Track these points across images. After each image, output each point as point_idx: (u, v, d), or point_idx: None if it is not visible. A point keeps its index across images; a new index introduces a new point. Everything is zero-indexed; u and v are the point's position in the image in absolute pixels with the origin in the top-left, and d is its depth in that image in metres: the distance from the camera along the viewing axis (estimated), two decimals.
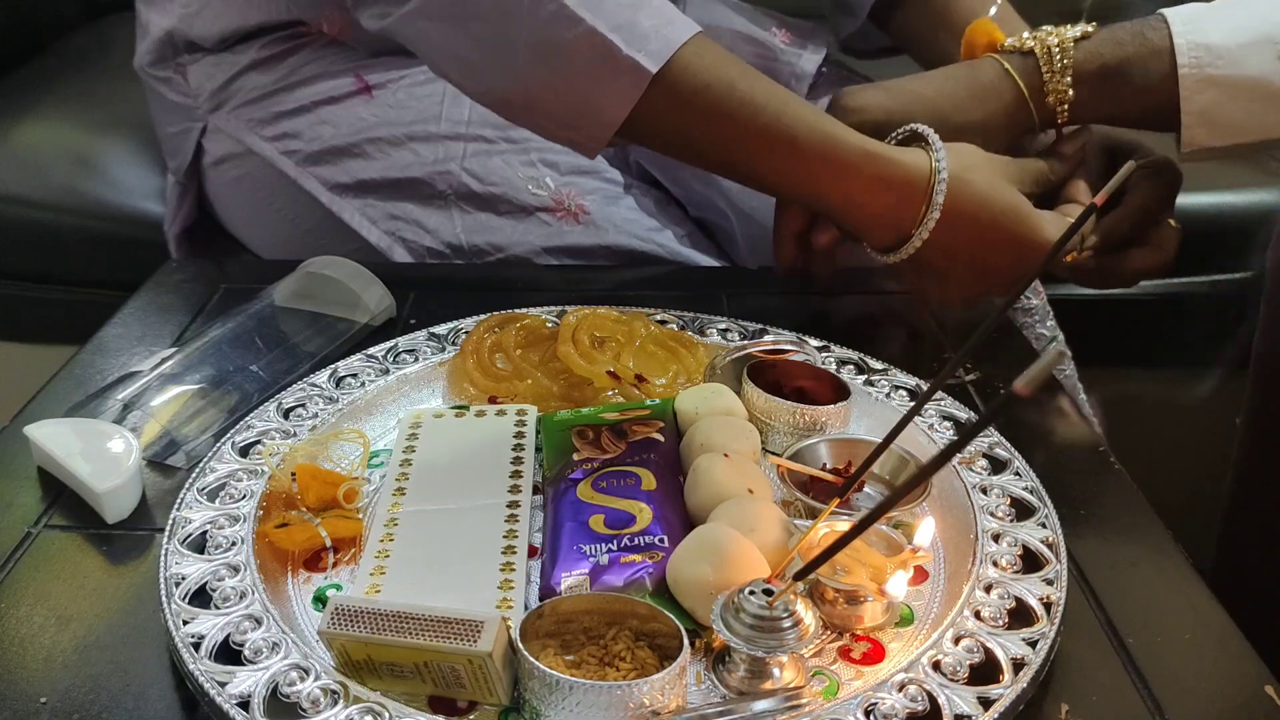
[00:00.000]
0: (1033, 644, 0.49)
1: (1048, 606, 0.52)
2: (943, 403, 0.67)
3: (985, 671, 0.48)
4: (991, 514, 0.58)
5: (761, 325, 0.75)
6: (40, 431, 0.62)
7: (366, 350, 0.71)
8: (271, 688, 0.46)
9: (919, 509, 0.58)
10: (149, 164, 1.24)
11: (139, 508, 0.60)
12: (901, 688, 0.47)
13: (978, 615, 0.51)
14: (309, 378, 0.69)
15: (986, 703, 0.46)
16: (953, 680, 0.47)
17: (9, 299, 1.26)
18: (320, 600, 0.54)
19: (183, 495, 0.58)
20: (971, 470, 0.61)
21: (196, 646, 0.48)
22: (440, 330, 0.74)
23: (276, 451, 0.61)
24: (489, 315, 0.74)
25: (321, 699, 0.46)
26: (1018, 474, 0.61)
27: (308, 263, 0.80)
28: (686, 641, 0.46)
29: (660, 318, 0.76)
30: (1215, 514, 0.94)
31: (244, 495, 0.58)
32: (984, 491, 0.59)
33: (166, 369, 0.69)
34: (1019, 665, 0.48)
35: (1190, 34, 0.72)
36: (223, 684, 0.46)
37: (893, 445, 0.57)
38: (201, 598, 0.51)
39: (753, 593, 0.48)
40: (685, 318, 0.76)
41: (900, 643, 0.52)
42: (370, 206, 0.92)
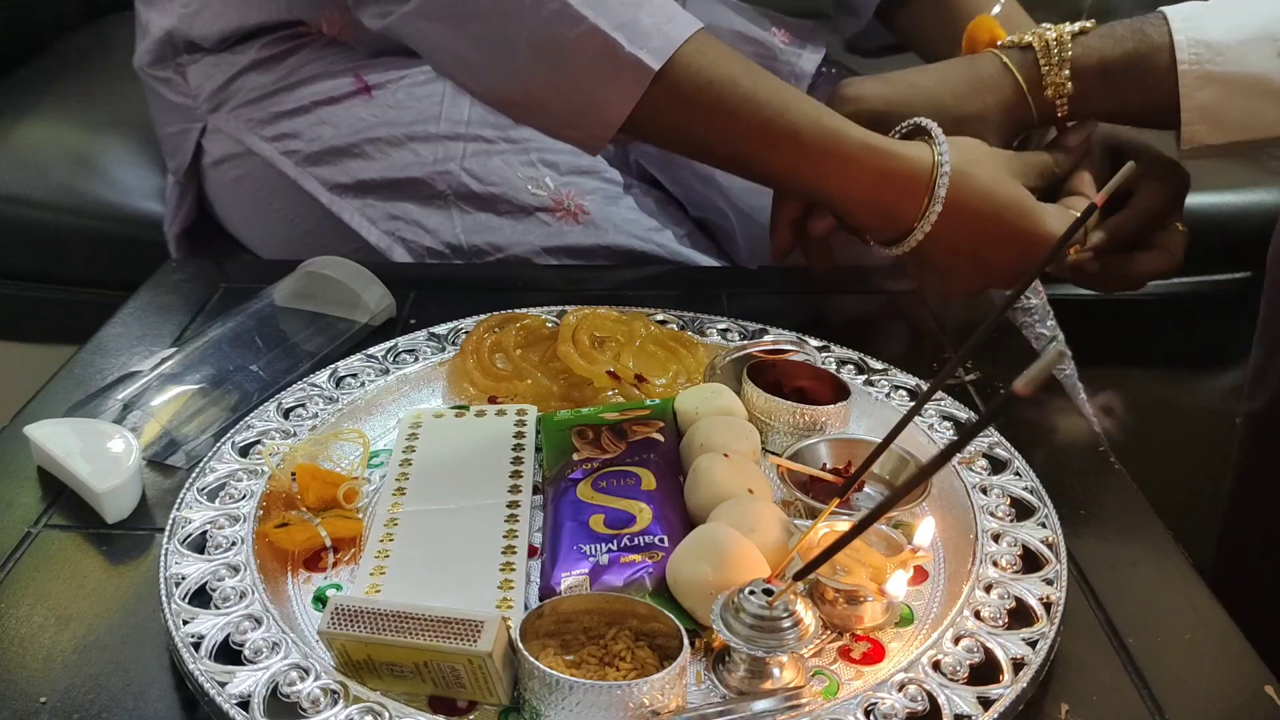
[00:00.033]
0: (1033, 644, 0.49)
1: (1048, 606, 0.52)
2: (943, 403, 0.67)
3: (985, 671, 0.48)
4: (991, 514, 0.58)
5: (761, 325, 0.75)
6: (40, 431, 0.62)
7: (366, 350, 0.71)
8: (271, 688, 0.46)
9: (919, 509, 0.58)
10: (149, 164, 1.24)
11: (139, 508, 0.60)
12: (901, 688, 0.47)
13: (978, 615, 0.51)
14: (309, 378, 0.69)
15: (986, 703, 0.46)
16: (953, 680, 0.47)
17: (9, 299, 1.26)
18: (320, 600, 0.54)
19: (183, 495, 0.58)
20: (971, 470, 0.61)
21: (196, 646, 0.48)
22: (440, 330, 0.74)
23: (276, 451, 0.61)
24: (489, 315, 0.74)
25: (321, 699, 0.46)
26: (1018, 474, 0.61)
27: (308, 263, 0.80)
28: (686, 641, 0.46)
29: (660, 318, 0.76)
30: (1215, 514, 0.94)
31: (244, 495, 0.58)
32: (984, 491, 0.59)
33: (166, 369, 0.69)
34: (1019, 665, 0.48)
35: (1190, 30, 0.72)
36: (223, 684, 0.46)
37: (893, 445, 0.57)
38: (201, 598, 0.51)
39: (753, 593, 0.48)
40: (685, 318, 0.76)
41: (900, 643, 0.52)
42: (370, 206, 0.92)
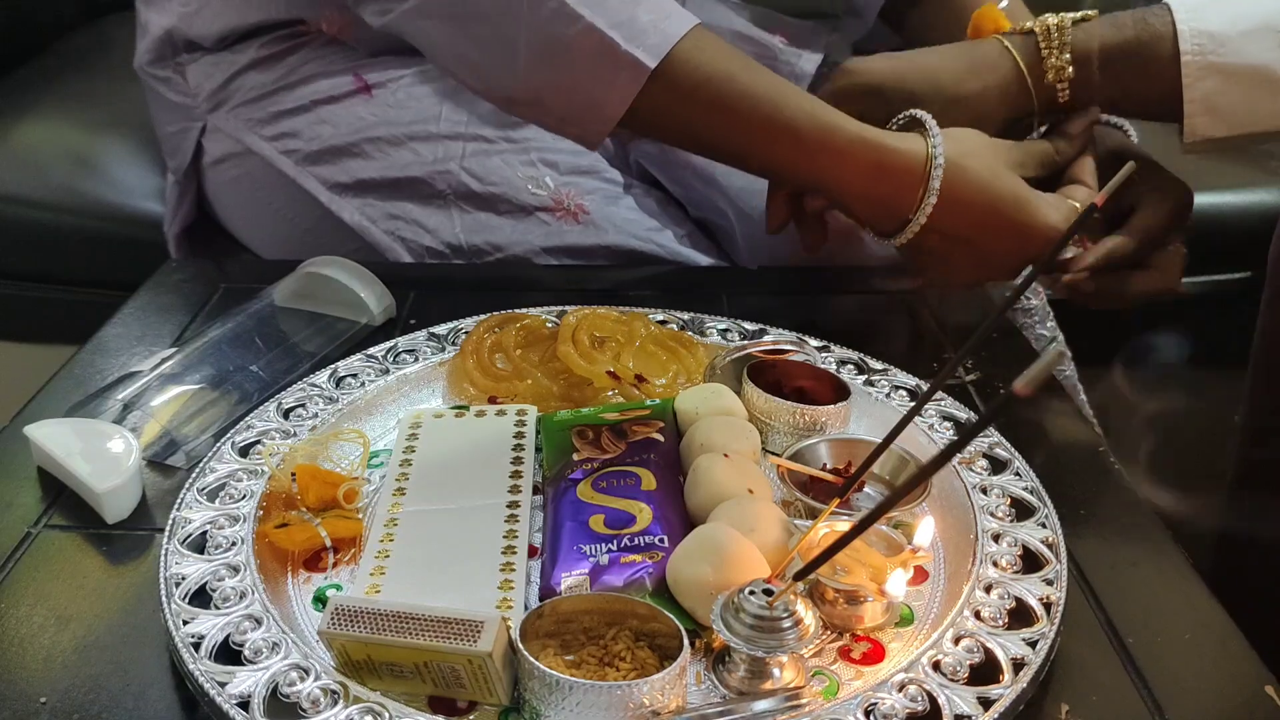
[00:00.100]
0: (1033, 644, 0.49)
1: (1048, 606, 0.52)
2: (943, 403, 0.67)
3: (985, 671, 0.48)
4: (991, 514, 0.58)
5: (761, 325, 0.75)
6: (40, 431, 0.62)
7: (366, 350, 0.71)
8: (271, 688, 0.46)
9: (919, 509, 0.58)
10: (149, 164, 1.24)
11: (139, 508, 0.60)
12: (901, 688, 0.47)
13: (978, 615, 0.51)
14: (309, 378, 0.69)
15: (986, 703, 0.46)
16: (953, 680, 0.47)
17: (9, 299, 1.26)
18: (320, 600, 0.54)
19: (183, 495, 0.58)
20: (971, 470, 0.61)
21: (196, 646, 0.48)
22: (440, 330, 0.74)
23: (276, 451, 0.61)
24: (489, 315, 0.74)
25: (321, 699, 0.46)
26: (1018, 474, 0.61)
27: (308, 263, 0.80)
28: (686, 641, 0.46)
29: (660, 318, 0.76)
30: (1215, 514, 0.94)
31: (244, 495, 0.58)
32: (984, 491, 0.59)
33: (166, 369, 0.69)
34: (1019, 665, 0.48)
35: (1193, 21, 0.73)
36: (223, 684, 0.46)
37: (893, 445, 0.57)
38: (201, 598, 0.51)
39: (753, 593, 0.48)
40: (685, 318, 0.76)
41: (900, 643, 0.52)
42: (369, 206, 0.92)
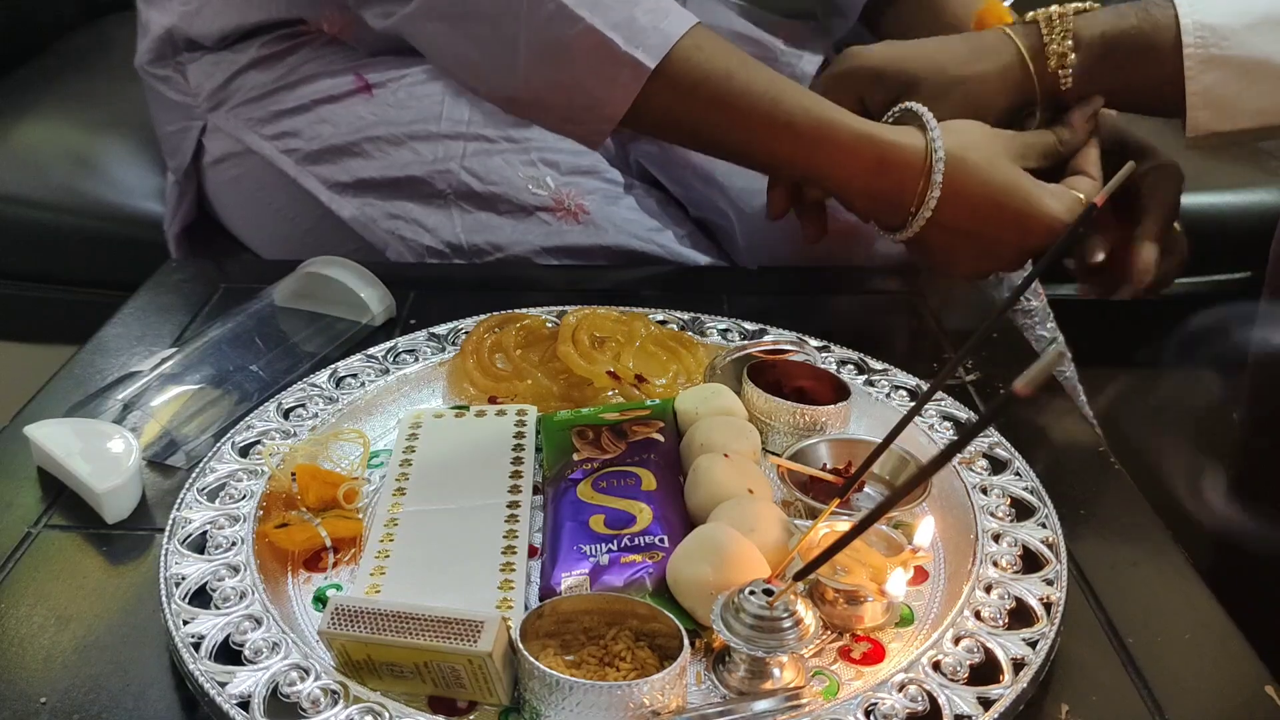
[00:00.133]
0: (1033, 644, 0.49)
1: (1048, 606, 0.52)
2: (943, 403, 0.67)
3: (985, 671, 0.48)
4: (991, 514, 0.58)
5: (761, 325, 0.75)
6: (40, 431, 0.62)
7: (366, 350, 0.71)
8: (271, 688, 0.46)
9: (919, 509, 0.58)
10: (149, 164, 1.24)
11: (139, 508, 0.60)
12: (901, 688, 0.47)
13: (978, 615, 0.51)
14: (309, 378, 0.69)
15: (986, 703, 0.46)
16: (953, 680, 0.47)
17: (9, 299, 1.26)
18: (320, 600, 0.54)
19: (183, 495, 0.58)
20: (971, 470, 0.61)
21: (196, 646, 0.48)
22: (440, 330, 0.74)
23: (276, 451, 0.61)
24: (489, 315, 0.74)
25: (321, 699, 0.46)
26: (1018, 474, 0.61)
27: (308, 262, 0.80)
28: (686, 641, 0.46)
29: (660, 318, 0.76)
30: (1214, 513, 0.94)
31: (244, 495, 0.58)
32: (984, 491, 0.59)
33: (166, 369, 0.69)
34: (1019, 665, 0.48)
35: (1195, 14, 0.73)
36: (223, 684, 0.46)
37: (893, 445, 0.57)
38: (201, 598, 0.51)
39: (753, 593, 0.48)
40: (685, 318, 0.76)
41: (900, 643, 0.52)
42: (370, 206, 0.92)
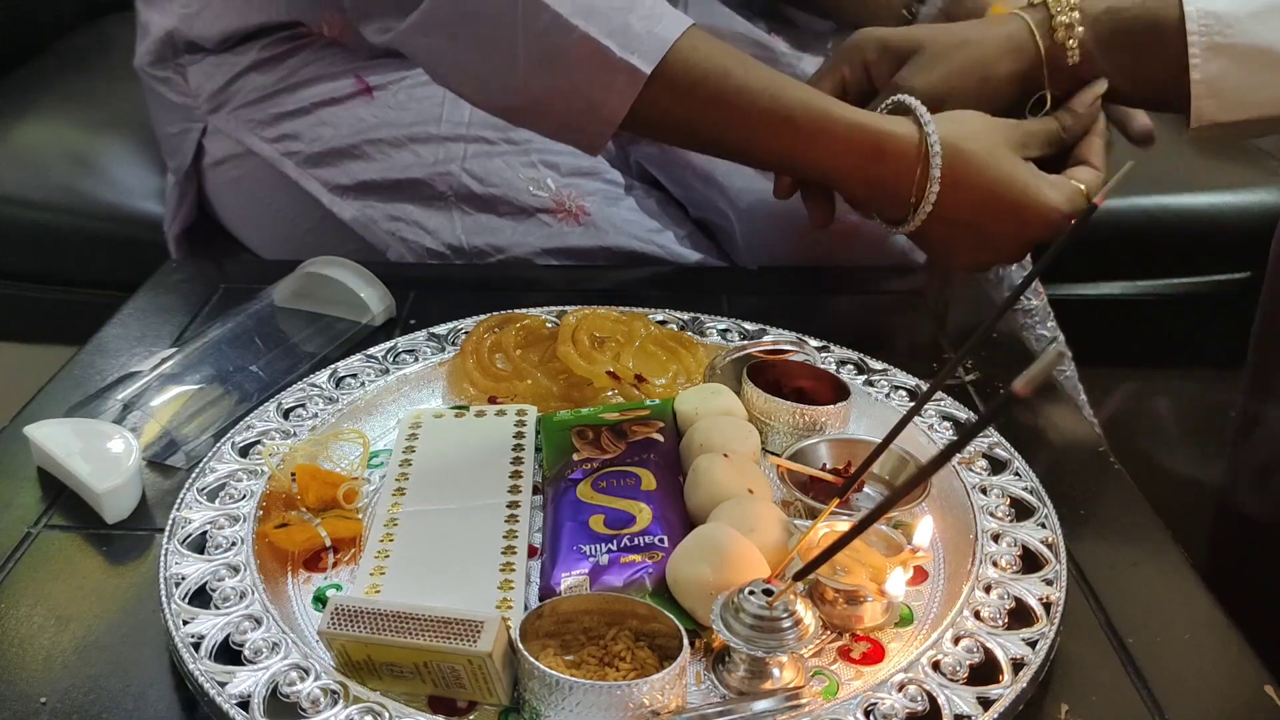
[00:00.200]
0: (1032, 644, 0.49)
1: (1047, 606, 0.52)
2: (943, 403, 0.67)
3: (985, 671, 0.48)
4: (991, 514, 0.58)
5: (761, 325, 0.75)
6: (40, 431, 0.62)
7: (366, 350, 0.71)
8: (271, 688, 0.46)
9: (918, 509, 0.58)
10: (149, 164, 1.24)
11: (139, 508, 0.60)
12: (901, 688, 0.47)
13: (977, 615, 0.51)
14: (309, 378, 0.69)
15: (986, 703, 0.46)
16: (952, 680, 0.47)
17: (9, 299, 1.26)
18: (320, 600, 0.54)
19: (183, 495, 0.58)
20: (971, 470, 0.61)
21: (196, 646, 0.48)
22: (440, 330, 0.74)
23: (276, 451, 0.61)
24: (489, 315, 0.74)
25: (321, 699, 0.46)
26: (1018, 474, 0.61)
27: (308, 263, 0.80)
28: (686, 641, 0.46)
29: (660, 318, 0.76)
30: (1213, 512, 0.94)
31: (244, 495, 0.58)
32: (984, 491, 0.59)
33: (166, 369, 0.69)
34: (1019, 665, 0.48)
35: (1199, 1, 0.73)
36: (223, 684, 0.46)
37: (893, 445, 0.57)
38: (201, 598, 0.51)
39: (753, 593, 0.48)
40: (685, 318, 0.76)
41: (900, 643, 0.52)
42: (370, 207, 0.92)
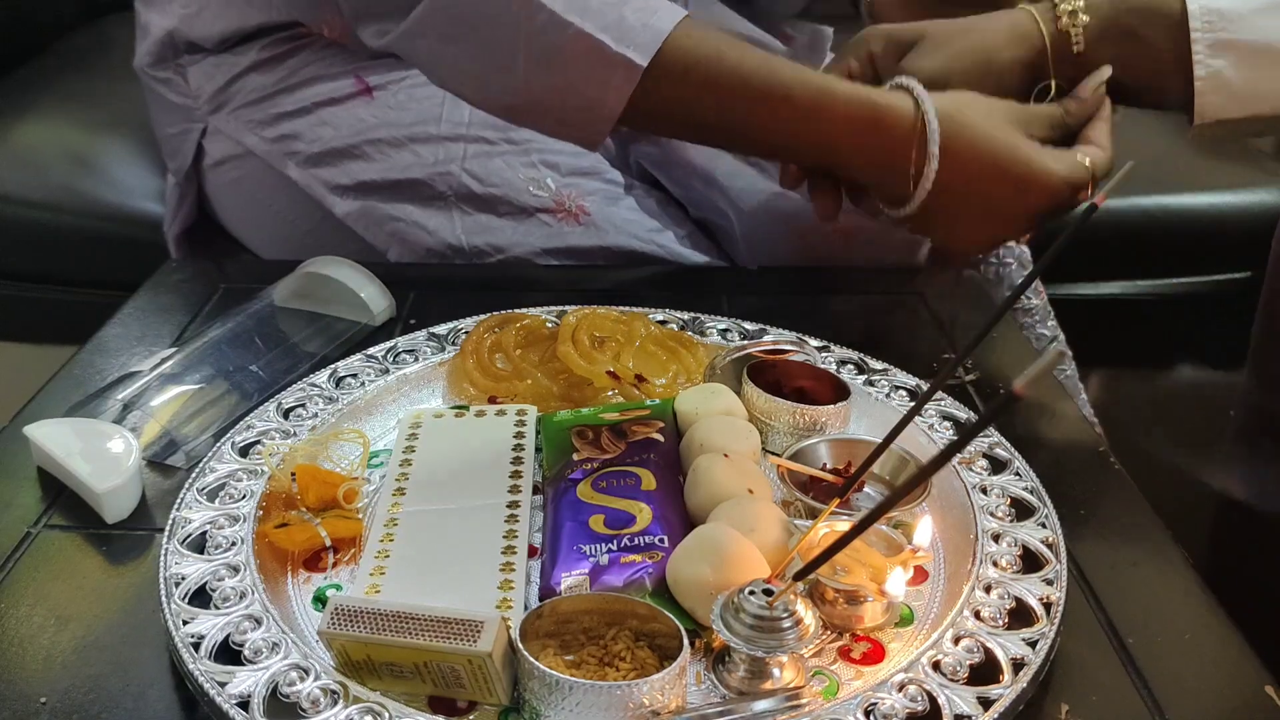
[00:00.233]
0: (1033, 644, 0.49)
1: (1048, 606, 0.52)
2: (943, 403, 0.67)
3: (985, 671, 0.48)
4: (991, 514, 0.58)
5: (761, 325, 0.75)
6: (40, 431, 0.62)
7: (366, 350, 0.71)
8: (271, 688, 0.46)
9: (918, 509, 0.58)
10: (149, 164, 1.24)
11: (139, 508, 0.60)
12: (901, 688, 0.47)
13: (978, 615, 0.51)
14: (309, 378, 0.69)
15: (986, 703, 0.46)
16: (953, 680, 0.47)
17: (9, 299, 1.26)
18: (320, 600, 0.54)
19: (183, 495, 0.58)
20: (971, 470, 0.61)
21: (196, 646, 0.48)
22: (440, 330, 0.74)
23: (276, 451, 0.61)
24: (489, 315, 0.74)
25: (321, 699, 0.46)
26: (1018, 474, 0.61)
27: (308, 263, 0.80)
28: (686, 641, 0.46)
29: (660, 318, 0.76)
30: (1213, 511, 0.94)
31: (244, 495, 0.58)
32: (984, 491, 0.59)
33: (166, 369, 0.69)
34: (1019, 665, 0.48)
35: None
36: (222, 684, 0.46)
37: (893, 445, 0.57)
38: (201, 598, 0.51)
39: (753, 593, 0.48)
40: (685, 318, 0.76)
41: (900, 643, 0.52)
42: (371, 208, 0.92)
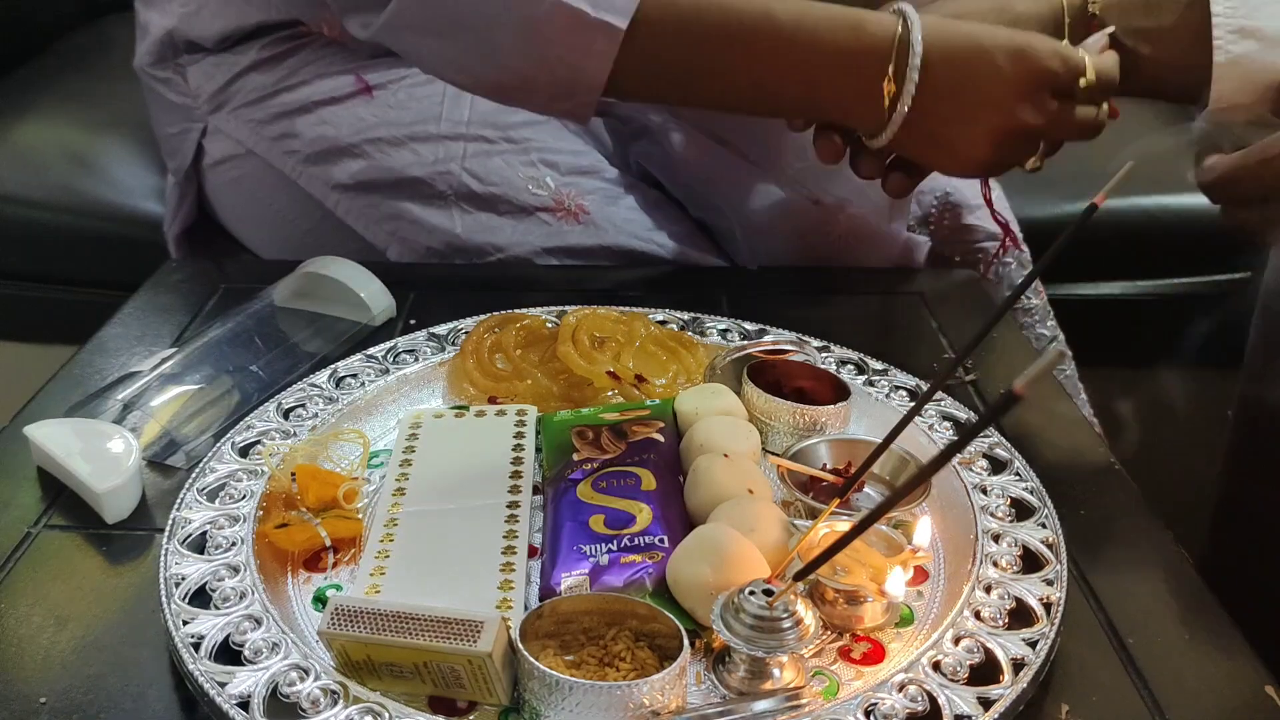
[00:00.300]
0: (1033, 644, 0.49)
1: (1048, 607, 0.52)
2: (943, 403, 0.67)
3: (985, 672, 0.48)
4: (991, 514, 0.58)
5: (761, 325, 0.75)
6: (40, 431, 0.62)
7: (366, 350, 0.71)
8: (271, 688, 0.46)
9: (918, 509, 0.58)
10: (149, 164, 1.24)
11: (139, 508, 0.60)
12: (901, 688, 0.47)
13: (978, 615, 0.51)
14: (309, 378, 0.69)
15: (986, 703, 0.46)
16: (953, 680, 0.47)
17: (9, 299, 1.26)
18: (320, 600, 0.54)
19: (183, 495, 0.58)
20: (971, 470, 0.61)
21: (196, 647, 0.48)
22: (440, 330, 0.74)
23: (276, 451, 0.61)
24: (489, 315, 0.74)
25: (321, 699, 0.46)
26: (1018, 474, 0.61)
27: (308, 263, 0.80)
28: (686, 642, 0.46)
29: (660, 318, 0.76)
30: (1212, 511, 0.94)
31: (244, 495, 0.58)
32: (984, 491, 0.59)
33: (166, 369, 0.69)
34: (1019, 665, 0.48)
35: None
36: (222, 684, 0.46)
37: (893, 445, 0.57)
38: (201, 598, 0.51)
39: (753, 593, 0.48)
40: (685, 318, 0.76)
41: (900, 643, 0.52)
42: (370, 206, 0.92)
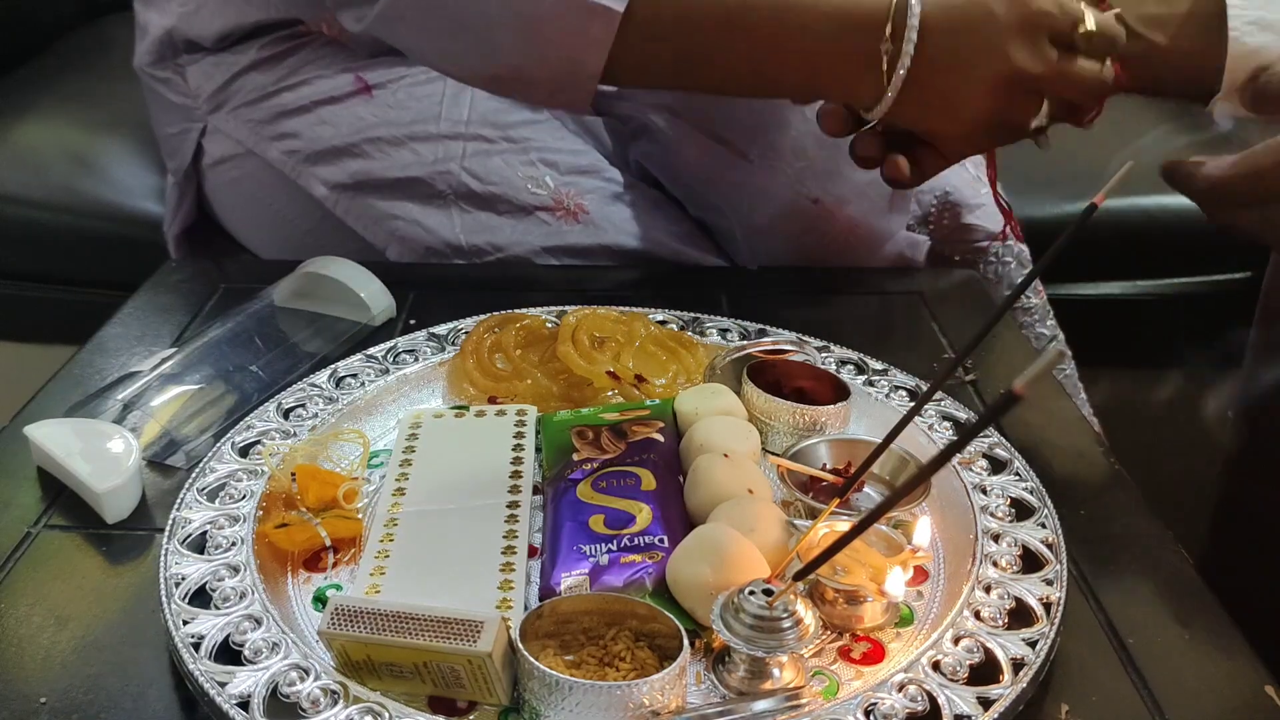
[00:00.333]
0: (1033, 644, 0.49)
1: (1047, 606, 0.52)
2: (943, 403, 0.67)
3: (985, 672, 0.48)
4: (991, 514, 0.58)
5: (761, 325, 0.75)
6: (40, 431, 0.62)
7: (366, 350, 0.71)
8: (271, 688, 0.46)
9: (918, 509, 0.58)
10: (149, 164, 1.24)
11: (139, 508, 0.60)
12: (901, 688, 0.47)
13: (977, 615, 0.51)
14: (309, 378, 0.69)
15: (986, 703, 0.46)
16: (953, 680, 0.47)
17: (9, 299, 1.26)
18: (320, 600, 0.54)
19: (183, 495, 0.58)
20: (971, 470, 0.61)
21: (196, 647, 0.48)
22: (440, 330, 0.74)
23: (276, 451, 0.61)
24: (489, 315, 0.74)
25: (321, 699, 0.46)
26: (1018, 474, 0.61)
27: (307, 263, 0.80)
28: (686, 642, 0.46)
29: (660, 318, 0.76)
30: (1212, 511, 0.94)
31: (244, 495, 0.58)
32: (984, 491, 0.59)
33: (166, 369, 0.69)
34: (1019, 665, 0.48)
35: None
36: (222, 684, 0.46)
37: (893, 445, 0.57)
38: (201, 598, 0.51)
39: (753, 593, 0.48)
40: (685, 318, 0.76)
41: (900, 643, 0.52)
42: (370, 206, 0.92)
